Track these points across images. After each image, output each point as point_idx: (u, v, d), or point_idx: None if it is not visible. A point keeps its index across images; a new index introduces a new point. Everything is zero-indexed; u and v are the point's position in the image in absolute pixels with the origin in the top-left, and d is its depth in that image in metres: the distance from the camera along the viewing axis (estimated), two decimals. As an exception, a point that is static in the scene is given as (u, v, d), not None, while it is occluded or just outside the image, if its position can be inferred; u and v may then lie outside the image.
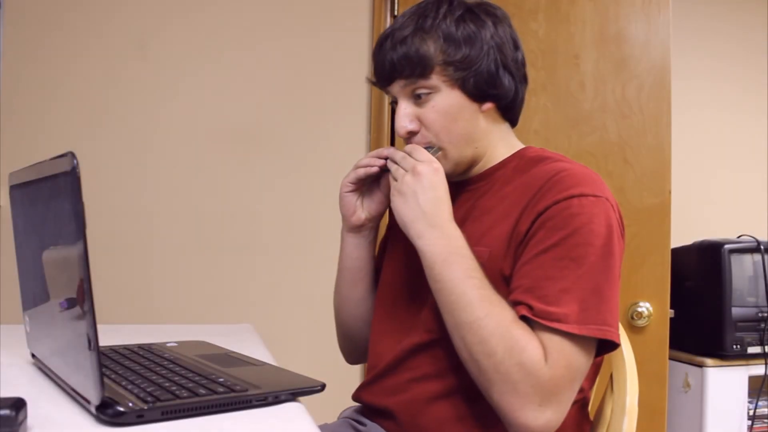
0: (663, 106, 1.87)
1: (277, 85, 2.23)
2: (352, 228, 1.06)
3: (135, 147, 2.11)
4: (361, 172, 1.01)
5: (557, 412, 0.83)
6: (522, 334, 0.83)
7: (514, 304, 0.86)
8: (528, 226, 0.89)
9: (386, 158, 0.99)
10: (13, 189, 0.86)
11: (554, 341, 0.83)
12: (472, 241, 0.91)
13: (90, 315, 0.62)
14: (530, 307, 0.84)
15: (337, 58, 2.14)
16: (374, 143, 2.16)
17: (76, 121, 2.06)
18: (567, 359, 0.83)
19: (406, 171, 0.92)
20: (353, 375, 1.11)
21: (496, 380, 0.83)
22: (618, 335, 0.87)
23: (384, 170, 1.00)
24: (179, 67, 2.15)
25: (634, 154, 1.87)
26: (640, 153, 1.89)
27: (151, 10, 2.13)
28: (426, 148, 0.96)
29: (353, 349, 1.20)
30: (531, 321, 0.85)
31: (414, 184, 0.91)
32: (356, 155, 1.01)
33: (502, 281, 0.90)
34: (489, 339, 0.83)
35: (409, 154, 0.94)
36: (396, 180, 0.94)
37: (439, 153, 0.97)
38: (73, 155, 0.61)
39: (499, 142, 1.02)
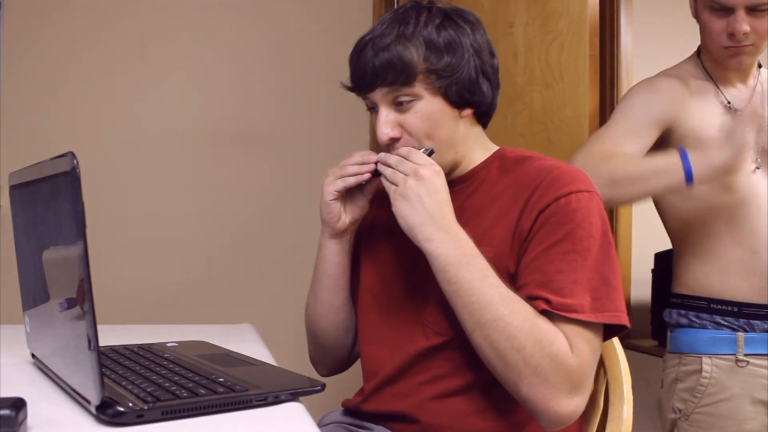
0: (581, 69, 1.54)
1: (278, 85, 2.23)
2: (336, 234, 1.05)
3: (135, 147, 2.11)
4: (352, 180, 0.99)
5: (584, 397, 0.88)
6: (548, 327, 0.87)
7: (530, 298, 0.89)
8: (531, 223, 0.92)
9: (375, 162, 0.98)
10: (13, 189, 0.86)
11: (575, 331, 0.87)
12: (474, 242, 0.92)
13: (90, 315, 0.62)
14: (548, 301, 0.88)
15: (338, 58, 2.14)
16: (374, 144, 2.15)
17: (76, 121, 2.06)
18: (589, 346, 0.88)
19: (406, 175, 0.92)
20: (353, 375, 1.10)
21: (527, 374, 0.85)
22: (627, 319, 0.91)
23: (374, 175, 0.99)
24: (179, 67, 2.15)
25: (556, 132, 1.60)
26: (560, 130, 1.60)
27: (151, 10, 2.13)
28: (419, 150, 0.96)
29: (330, 359, 1.17)
30: (551, 314, 0.88)
31: (418, 187, 0.90)
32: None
33: (507, 279, 0.91)
34: (517, 334, 0.85)
35: (406, 158, 0.94)
36: (396, 184, 0.93)
37: (434, 155, 0.97)
38: (73, 155, 0.61)
39: (475, 145, 1.04)
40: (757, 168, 1.37)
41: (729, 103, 1.39)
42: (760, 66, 1.45)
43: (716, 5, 1.32)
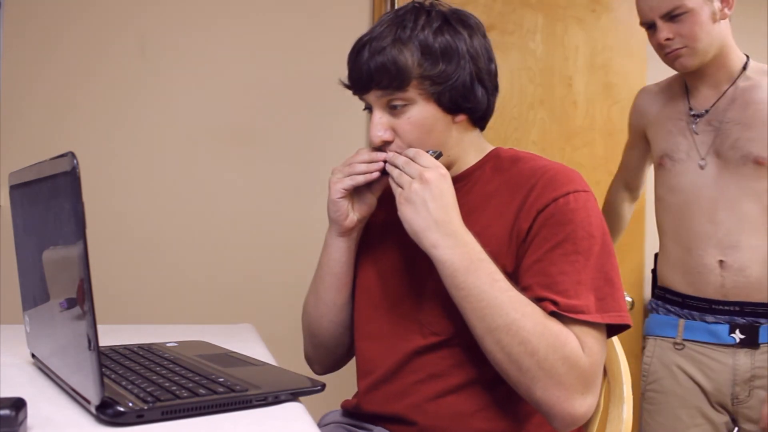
0: None
1: (277, 84, 2.23)
2: (344, 232, 1.05)
3: (135, 147, 2.11)
4: (361, 179, 0.99)
5: (596, 396, 0.89)
6: (560, 329, 0.87)
7: (536, 300, 0.89)
8: (529, 223, 0.92)
9: (383, 161, 0.98)
10: (13, 189, 0.86)
11: (584, 332, 0.88)
12: None
13: (90, 315, 0.62)
14: (555, 303, 0.88)
15: (336, 57, 2.14)
16: (374, 143, 2.15)
17: (76, 121, 2.06)
18: (598, 346, 0.89)
19: (411, 177, 0.92)
20: (353, 375, 1.10)
21: (541, 377, 0.85)
22: (630, 318, 0.92)
23: (382, 173, 0.99)
24: (179, 66, 2.15)
25: (616, 167, 2.06)
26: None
27: (151, 10, 2.13)
28: (427, 152, 0.96)
29: (328, 357, 1.17)
30: (559, 315, 0.88)
31: (423, 191, 0.90)
32: (356, 155, 1.04)
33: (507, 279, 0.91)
34: (530, 338, 0.85)
35: (413, 159, 0.93)
36: (401, 187, 0.92)
37: (442, 157, 0.97)
38: (73, 155, 0.61)
39: (469, 148, 1.03)
40: (701, 168, 1.45)
41: (691, 109, 1.50)
42: (744, 69, 1.48)
43: (645, 24, 1.47)
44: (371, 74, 0.95)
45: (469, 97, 0.97)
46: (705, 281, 1.43)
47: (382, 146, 0.98)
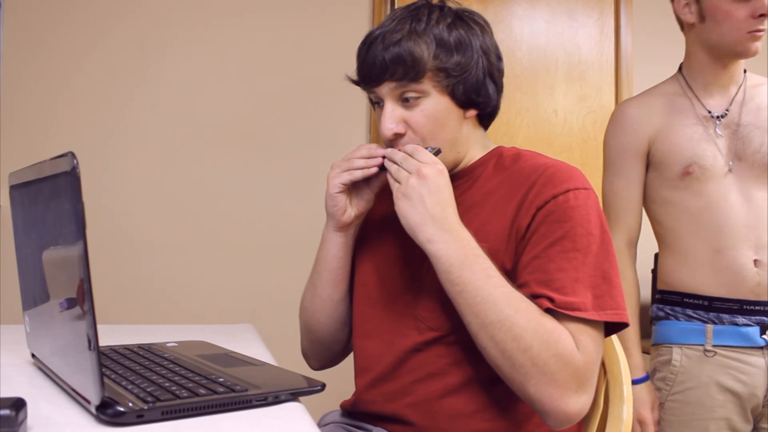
0: None
1: (278, 84, 2.23)
2: (341, 227, 1.05)
3: (135, 147, 2.11)
4: (359, 174, 0.99)
5: (590, 394, 0.88)
6: (554, 326, 0.86)
7: (532, 297, 0.89)
8: (528, 220, 0.92)
9: (382, 157, 0.98)
10: (13, 189, 0.86)
11: (579, 329, 0.87)
12: None
13: (90, 315, 0.62)
14: (551, 299, 0.88)
15: (336, 56, 2.14)
16: (373, 141, 2.16)
17: (76, 121, 2.06)
18: (594, 344, 0.88)
19: (409, 173, 0.92)
20: (353, 375, 1.11)
21: (534, 373, 0.85)
22: (628, 316, 0.92)
23: (380, 169, 0.99)
24: (179, 66, 2.15)
25: (591, 172, 2.31)
26: (595, 172, 2.28)
27: (151, 10, 2.13)
28: (426, 148, 0.96)
29: (325, 353, 1.16)
30: (555, 312, 0.88)
31: (420, 186, 0.90)
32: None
33: (503, 276, 0.91)
34: (523, 334, 0.85)
35: (411, 155, 0.94)
36: (399, 182, 0.93)
37: (440, 154, 0.97)
38: (73, 155, 0.61)
39: (475, 145, 1.04)
40: (729, 171, 1.44)
41: (710, 112, 1.47)
42: (745, 71, 1.50)
43: None
44: (386, 65, 0.95)
45: (481, 91, 0.98)
46: (740, 280, 1.40)
47: (394, 139, 0.98)
